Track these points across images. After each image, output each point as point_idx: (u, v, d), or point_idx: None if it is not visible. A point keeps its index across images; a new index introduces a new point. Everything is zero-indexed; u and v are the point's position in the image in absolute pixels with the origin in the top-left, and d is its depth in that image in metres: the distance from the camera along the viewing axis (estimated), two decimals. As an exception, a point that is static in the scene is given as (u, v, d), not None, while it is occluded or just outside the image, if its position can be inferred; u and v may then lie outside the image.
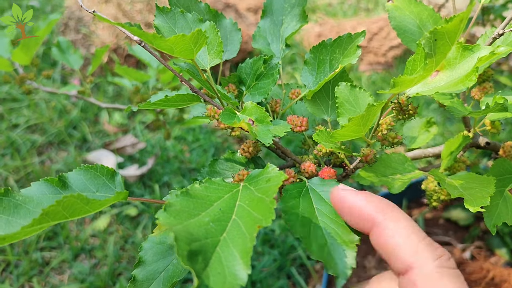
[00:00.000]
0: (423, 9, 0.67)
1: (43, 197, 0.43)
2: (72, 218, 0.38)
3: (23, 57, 1.20)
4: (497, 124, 0.61)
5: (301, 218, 0.44)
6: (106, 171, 0.46)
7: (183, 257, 0.31)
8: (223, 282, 0.31)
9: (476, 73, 0.40)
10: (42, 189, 0.43)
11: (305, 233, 0.43)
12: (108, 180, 0.47)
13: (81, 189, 0.45)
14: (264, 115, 0.48)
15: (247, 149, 0.58)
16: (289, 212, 0.44)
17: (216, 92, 0.54)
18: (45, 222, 0.36)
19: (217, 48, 0.54)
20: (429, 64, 0.39)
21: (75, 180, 0.45)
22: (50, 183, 0.44)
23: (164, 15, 0.55)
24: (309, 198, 0.47)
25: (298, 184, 0.50)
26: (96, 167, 0.46)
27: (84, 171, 0.46)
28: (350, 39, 0.55)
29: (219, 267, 0.32)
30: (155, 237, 0.48)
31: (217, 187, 0.42)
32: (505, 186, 0.55)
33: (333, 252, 0.44)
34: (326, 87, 0.61)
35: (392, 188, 0.55)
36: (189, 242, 0.33)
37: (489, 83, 0.63)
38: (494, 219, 0.53)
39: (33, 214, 0.41)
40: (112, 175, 0.47)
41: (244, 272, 0.32)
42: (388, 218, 0.42)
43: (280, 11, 0.66)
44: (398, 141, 0.51)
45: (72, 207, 0.37)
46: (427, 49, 0.39)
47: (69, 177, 0.45)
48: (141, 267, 0.47)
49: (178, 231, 0.33)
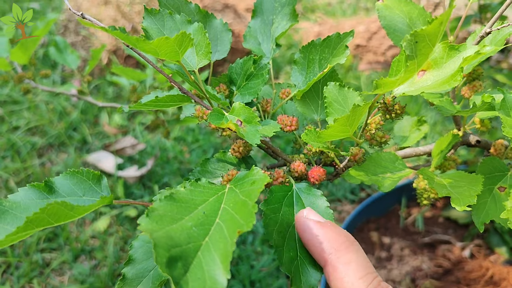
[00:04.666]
0: (413, 8, 0.67)
1: (30, 202, 0.43)
2: (57, 224, 0.38)
3: (21, 56, 1.21)
4: (486, 122, 0.61)
5: (279, 225, 0.45)
6: (92, 176, 0.47)
7: (161, 264, 0.31)
8: (203, 287, 0.31)
9: (461, 73, 0.40)
10: (29, 194, 0.44)
11: (279, 242, 0.44)
12: (95, 184, 0.47)
13: (68, 193, 0.45)
14: (252, 116, 0.48)
15: (237, 149, 0.58)
16: (269, 216, 0.45)
17: (204, 93, 0.54)
18: (30, 229, 0.36)
19: (205, 49, 0.54)
20: (410, 66, 0.40)
21: (62, 185, 0.45)
22: (36, 188, 0.44)
23: (152, 17, 0.55)
24: (292, 205, 0.48)
25: (285, 187, 0.50)
26: (82, 171, 0.46)
27: (71, 175, 0.46)
28: (338, 39, 0.56)
29: (199, 272, 0.32)
30: (146, 236, 0.48)
31: (203, 190, 0.42)
32: (494, 184, 0.55)
33: (300, 268, 0.45)
34: (316, 86, 0.62)
35: (382, 187, 0.55)
36: (168, 248, 0.33)
37: (479, 82, 0.63)
38: (482, 217, 0.53)
39: (20, 220, 0.41)
40: (98, 179, 0.47)
41: (224, 277, 0.32)
42: (340, 260, 0.43)
43: (270, 11, 0.67)
44: (385, 140, 0.51)
45: (56, 214, 0.37)
46: (408, 51, 0.39)
47: (55, 182, 0.45)
48: (131, 265, 0.47)
49: (158, 237, 0.33)
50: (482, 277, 1.26)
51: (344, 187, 1.73)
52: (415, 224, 1.46)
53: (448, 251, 1.36)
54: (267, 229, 0.44)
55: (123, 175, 1.76)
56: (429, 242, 1.39)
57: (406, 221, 1.48)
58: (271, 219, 0.45)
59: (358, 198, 1.71)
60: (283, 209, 0.47)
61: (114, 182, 1.74)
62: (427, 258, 1.33)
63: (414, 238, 1.42)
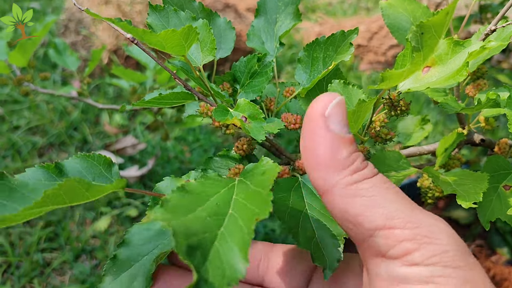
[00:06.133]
0: (417, 6, 0.67)
1: (38, 183, 0.42)
2: (71, 204, 0.37)
3: (20, 59, 1.20)
4: (491, 121, 0.61)
5: (291, 209, 0.45)
6: (103, 161, 0.46)
7: (181, 252, 0.31)
8: (222, 275, 0.31)
9: (466, 68, 0.40)
10: (38, 175, 0.43)
11: (293, 224, 0.43)
12: (105, 170, 0.46)
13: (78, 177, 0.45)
14: (257, 112, 0.48)
15: (241, 147, 0.58)
16: (279, 203, 0.45)
17: (209, 90, 0.54)
18: (45, 205, 0.36)
19: (210, 45, 0.54)
20: (416, 57, 0.39)
21: (71, 168, 0.45)
22: (46, 169, 0.43)
23: (157, 13, 0.55)
24: (300, 192, 0.48)
25: (291, 179, 0.50)
26: (93, 156, 0.45)
27: (81, 159, 0.45)
28: (343, 37, 0.55)
29: (217, 261, 0.32)
30: (143, 224, 0.48)
31: (213, 182, 0.42)
32: (499, 182, 0.55)
33: (321, 244, 0.44)
34: (320, 84, 0.61)
35: (386, 185, 0.55)
36: (187, 237, 0.32)
37: (483, 80, 0.63)
38: (488, 215, 0.53)
39: (27, 199, 0.40)
40: (109, 165, 0.46)
41: (242, 265, 0.32)
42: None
43: (274, 10, 0.67)
44: (391, 137, 0.51)
45: (72, 192, 0.36)
46: (414, 42, 0.39)
47: (65, 165, 0.44)
48: (125, 247, 0.46)
49: (175, 226, 0.33)
50: (483, 277, 1.26)
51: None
52: (416, 224, 1.46)
53: (449, 251, 1.36)
54: (279, 215, 0.43)
55: (124, 174, 1.76)
56: (430, 242, 1.39)
57: (407, 221, 1.47)
58: (282, 205, 0.45)
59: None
60: (292, 197, 0.47)
61: (115, 181, 1.73)
62: (428, 258, 1.32)
63: (415, 238, 1.41)
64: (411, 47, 0.39)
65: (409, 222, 0.36)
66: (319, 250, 0.44)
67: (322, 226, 0.44)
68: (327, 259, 0.44)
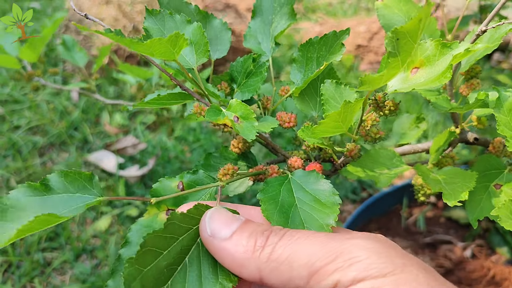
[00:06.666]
0: (412, 7, 0.67)
1: (29, 199, 0.45)
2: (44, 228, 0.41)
3: (31, 54, 1.22)
4: (483, 120, 0.62)
5: (280, 207, 0.45)
6: (83, 176, 0.48)
7: None
8: None
9: (450, 70, 0.41)
10: (28, 192, 0.45)
11: (282, 221, 0.44)
12: (87, 182, 0.48)
13: (63, 191, 0.47)
14: (248, 112, 0.49)
15: (237, 145, 0.59)
16: (268, 202, 0.45)
17: (203, 90, 0.55)
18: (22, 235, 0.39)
19: (203, 48, 0.55)
20: (392, 63, 0.40)
21: (57, 182, 0.47)
22: (33, 188, 0.46)
23: (153, 17, 0.56)
24: (290, 188, 0.48)
25: (281, 177, 0.50)
26: (75, 172, 0.48)
27: (65, 174, 0.48)
28: (335, 37, 0.56)
29: None
30: (144, 220, 0.50)
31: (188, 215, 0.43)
32: (490, 181, 0.56)
33: None
34: (314, 84, 0.62)
35: (378, 183, 0.56)
36: None
37: (476, 80, 0.64)
38: (477, 213, 0.53)
39: (20, 217, 0.43)
40: (90, 178, 0.48)
41: None
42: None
43: (269, 11, 0.68)
44: (380, 136, 0.52)
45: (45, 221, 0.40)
46: (390, 48, 0.40)
47: (51, 180, 0.47)
48: (127, 247, 0.48)
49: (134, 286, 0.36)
50: (483, 277, 1.26)
51: (345, 187, 1.73)
52: (416, 224, 1.47)
53: (449, 251, 1.36)
54: (267, 214, 0.44)
55: (124, 174, 1.77)
56: (430, 242, 1.40)
57: (407, 221, 1.48)
58: (270, 204, 0.45)
59: (359, 198, 1.71)
60: (282, 194, 0.47)
61: (115, 181, 1.74)
62: (429, 258, 1.33)
63: (415, 238, 1.42)
64: (388, 53, 0.40)
65: (327, 258, 0.36)
66: None
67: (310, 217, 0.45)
68: None
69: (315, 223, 0.44)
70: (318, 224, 0.44)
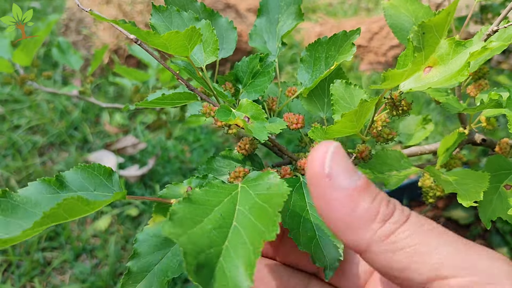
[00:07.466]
0: (419, 7, 0.67)
1: (41, 197, 0.42)
2: (71, 219, 0.37)
3: (24, 58, 1.20)
4: (492, 121, 0.61)
5: (291, 211, 0.45)
6: (103, 171, 0.46)
7: (191, 273, 0.30)
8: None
9: (468, 68, 0.40)
10: (40, 189, 0.43)
11: (294, 225, 0.43)
12: (106, 179, 0.46)
13: (79, 188, 0.45)
14: (259, 112, 0.48)
15: (243, 146, 0.58)
16: None
17: (212, 90, 0.54)
18: (45, 224, 0.36)
19: (212, 46, 0.54)
20: (418, 57, 0.40)
21: (72, 179, 0.45)
22: (47, 183, 0.43)
23: (160, 14, 0.55)
24: (302, 193, 0.48)
25: (292, 179, 0.50)
26: (93, 166, 0.45)
27: (82, 170, 0.45)
28: (345, 37, 0.56)
29: (223, 279, 0.31)
30: (150, 229, 0.48)
31: (217, 190, 0.41)
32: (500, 182, 0.56)
33: (321, 244, 0.44)
34: (322, 84, 0.62)
35: (388, 185, 0.55)
36: (195, 254, 0.32)
37: (484, 80, 0.63)
38: (489, 214, 0.53)
39: (31, 215, 0.41)
40: (110, 174, 0.46)
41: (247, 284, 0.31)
42: None
43: (276, 10, 0.67)
44: (392, 137, 0.51)
45: (72, 209, 0.36)
46: (416, 42, 0.39)
47: (66, 176, 0.44)
48: (136, 259, 0.46)
49: (184, 243, 0.32)
50: (483, 277, 1.26)
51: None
52: (416, 224, 1.46)
53: (449, 251, 1.35)
54: None
55: (124, 174, 1.77)
56: (430, 242, 1.39)
57: (407, 221, 1.47)
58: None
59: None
60: (293, 198, 0.46)
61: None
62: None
63: (415, 238, 1.41)
64: (413, 47, 0.40)
65: (463, 269, 0.31)
66: (320, 251, 0.44)
67: (323, 225, 0.44)
68: (327, 259, 0.44)
69: (328, 231, 0.44)
70: (330, 233, 0.43)
